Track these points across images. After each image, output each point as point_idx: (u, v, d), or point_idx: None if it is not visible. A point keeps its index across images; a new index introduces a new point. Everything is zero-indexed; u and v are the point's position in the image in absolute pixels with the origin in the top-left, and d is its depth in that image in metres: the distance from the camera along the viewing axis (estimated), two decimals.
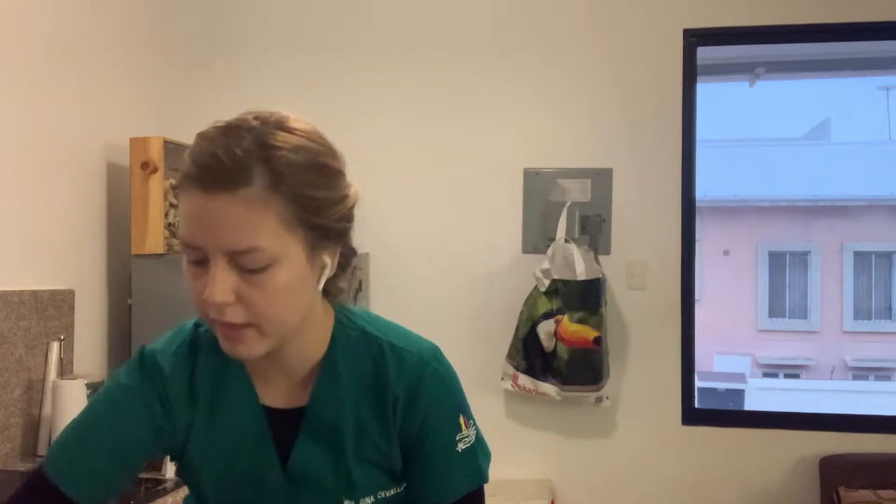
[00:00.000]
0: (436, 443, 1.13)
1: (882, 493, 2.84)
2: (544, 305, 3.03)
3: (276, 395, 1.08)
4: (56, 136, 2.52)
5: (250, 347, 0.96)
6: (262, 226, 0.91)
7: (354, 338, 1.09)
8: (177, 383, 1.07)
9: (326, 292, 1.08)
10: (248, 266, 0.92)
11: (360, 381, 1.07)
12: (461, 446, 1.20)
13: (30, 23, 2.41)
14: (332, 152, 1.02)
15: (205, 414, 1.07)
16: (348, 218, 1.07)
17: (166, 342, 1.11)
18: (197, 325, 1.12)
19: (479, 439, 1.26)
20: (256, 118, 0.97)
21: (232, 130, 0.95)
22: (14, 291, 2.27)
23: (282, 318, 0.96)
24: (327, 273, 1.01)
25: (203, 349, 1.09)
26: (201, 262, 0.93)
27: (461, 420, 1.18)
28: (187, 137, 2.88)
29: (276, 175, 0.92)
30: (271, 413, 1.07)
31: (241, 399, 1.07)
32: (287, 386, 1.08)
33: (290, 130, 0.96)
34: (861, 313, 11.34)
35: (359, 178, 3.69)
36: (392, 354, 1.09)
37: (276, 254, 0.92)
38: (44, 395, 2.33)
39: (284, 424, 1.07)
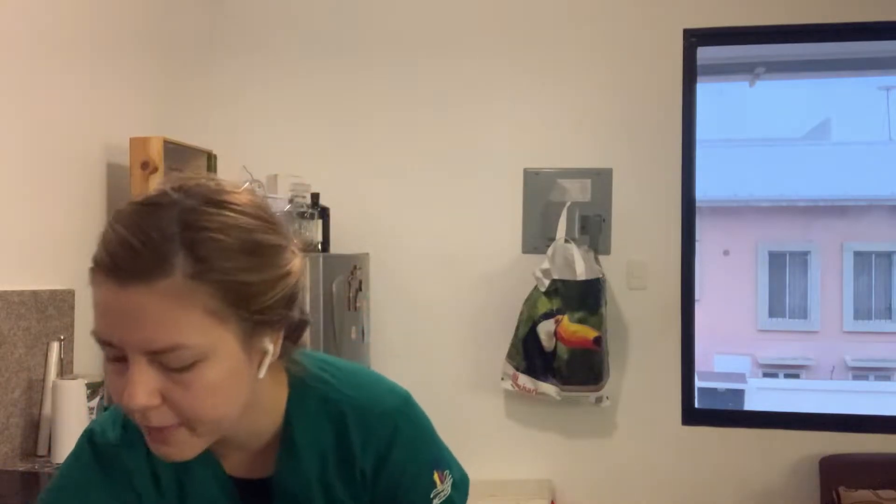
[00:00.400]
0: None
1: (882, 493, 2.84)
2: (544, 305, 3.03)
3: (239, 465, 1.00)
4: (56, 137, 2.51)
5: (181, 450, 0.86)
6: (185, 321, 0.79)
7: (313, 408, 0.99)
8: (140, 473, 0.98)
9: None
10: (171, 365, 0.80)
11: (324, 453, 0.99)
12: (436, 502, 1.07)
13: (30, 23, 2.41)
14: (270, 226, 0.88)
15: (174, 498, 0.99)
16: (291, 297, 0.89)
17: (113, 426, 1.01)
18: None
19: (456, 485, 1.13)
20: (180, 190, 0.84)
21: (150, 209, 0.82)
22: (14, 291, 2.27)
23: (215, 417, 0.85)
24: (269, 359, 0.89)
25: None
26: (121, 359, 0.81)
27: (436, 476, 1.08)
28: (187, 137, 2.88)
29: (201, 262, 0.79)
30: (239, 484, 1.00)
31: (206, 474, 0.99)
32: (248, 456, 1.00)
33: (219, 205, 0.84)
34: (861, 313, 11.33)
35: (359, 178, 3.68)
36: (356, 420, 0.98)
37: (203, 350, 0.80)
38: (44, 395, 2.33)
39: (254, 494, 1.00)
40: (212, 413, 0.84)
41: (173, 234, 0.79)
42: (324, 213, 3.06)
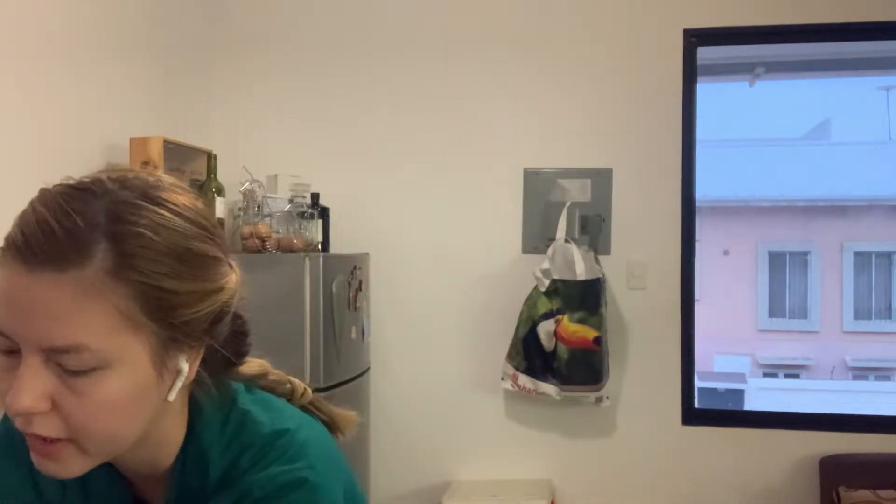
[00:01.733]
0: None
1: (882, 493, 2.84)
2: (544, 305, 3.03)
3: (144, 485, 0.91)
4: (56, 136, 2.51)
5: (65, 467, 0.76)
6: (93, 320, 0.71)
7: (193, 456, 0.87)
8: (45, 478, 0.89)
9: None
10: (68, 366, 0.72)
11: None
12: None
13: (30, 23, 2.41)
14: (208, 234, 0.80)
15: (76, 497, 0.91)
16: (219, 316, 0.81)
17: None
18: None
19: None
20: (117, 180, 0.77)
21: (79, 193, 0.75)
22: None
23: (108, 435, 0.76)
24: (181, 382, 0.79)
25: None
26: (12, 353, 0.73)
27: None
28: (187, 137, 2.89)
29: (124, 258, 0.72)
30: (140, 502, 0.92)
31: (111, 492, 0.90)
32: (147, 482, 0.90)
33: (156, 202, 0.76)
34: (861, 313, 11.33)
35: (359, 178, 3.68)
36: (217, 476, 0.86)
37: (107, 356, 0.72)
38: None
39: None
40: (105, 430, 0.75)
41: (99, 223, 0.72)
42: (324, 213, 3.06)
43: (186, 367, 0.80)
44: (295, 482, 0.82)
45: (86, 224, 0.72)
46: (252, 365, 0.96)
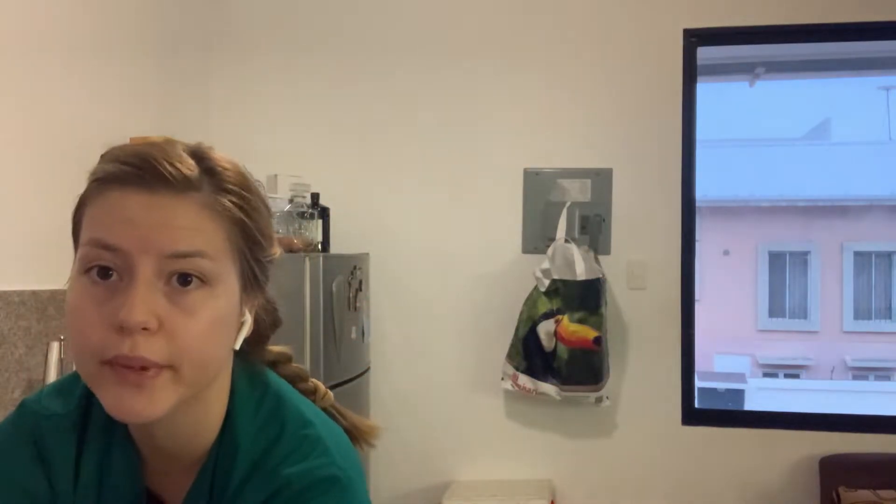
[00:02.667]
0: None
1: (882, 493, 2.84)
2: (544, 305, 3.03)
3: (161, 479, 0.91)
4: (56, 136, 2.51)
5: (156, 399, 0.77)
6: (210, 232, 0.79)
7: (225, 440, 0.88)
8: (61, 460, 0.90)
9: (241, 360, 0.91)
10: (185, 270, 0.77)
11: (214, 499, 0.88)
12: None
13: (30, 23, 2.41)
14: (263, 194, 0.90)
15: (90, 494, 0.90)
16: (268, 271, 0.90)
17: (56, 399, 0.93)
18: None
19: None
20: (180, 142, 0.86)
21: (160, 143, 0.84)
22: (14, 291, 2.27)
23: (206, 359, 0.80)
24: (245, 332, 0.86)
25: (95, 418, 0.91)
26: (109, 275, 0.77)
27: None
28: (187, 137, 2.87)
29: (223, 191, 0.82)
30: (152, 501, 0.91)
31: (124, 480, 0.90)
32: (176, 472, 0.90)
33: (222, 157, 0.87)
34: (861, 313, 11.32)
35: (359, 178, 3.67)
36: (246, 467, 0.86)
37: (216, 271, 0.79)
38: None
39: None
40: (206, 350, 0.79)
41: (192, 163, 0.81)
42: (324, 213, 3.06)
43: (249, 319, 0.86)
44: (330, 478, 0.84)
45: (189, 159, 0.81)
46: (278, 347, 0.99)
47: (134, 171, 0.79)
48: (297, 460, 0.85)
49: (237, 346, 0.85)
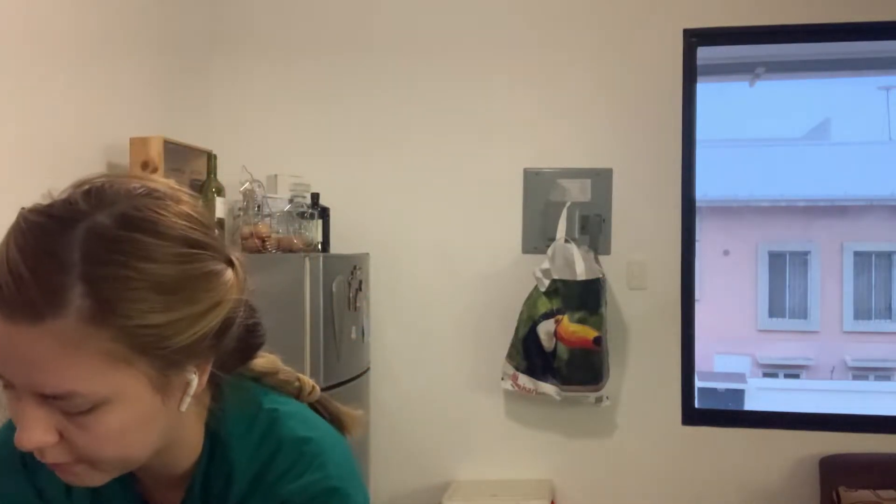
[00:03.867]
0: None
1: (882, 493, 2.84)
2: (544, 305, 3.03)
3: (155, 490, 0.91)
4: (56, 136, 2.51)
5: (83, 481, 0.76)
6: (79, 367, 0.68)
7: (217, 459, 0.87)
8: (52, 478, 0.86)
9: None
10: (65, 409, 0.70)
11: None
12: None
13: (30, 23, 2.41)
14: (198, 248, 0.74)
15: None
16: (223, 327, 0.77)
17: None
18: None
19: None
20: (95, 197, 0.71)
21: (51, 225, 0.69)
22: None
23: (120, 459, 0.75)
24: (191, 393, 0.77)
25: None
26: (13, 386, 0.72)
27: None
28: (187, 137, 2.89)
29: (102, 304, 0.67)
30: None
31: (118, 496, 0.90)
32: (168, 484, 0.89)
33: (137, 227, 0.70)
34: (861, 313, 11.32)
35: (359, 178, 3.67)
36: (244, 479, 0.85)
37: (102, 397, 0.70)
38: None
39: None
40: (115, 455, 0.74)
41: (72, 264, 0.67)
42: (324, 213, 3.06)
43: (195, 378, 0.77)
44: (328, 491, 0.83)
45: (59, 268, 0.67)
46: (262, 361, 0.94)
47: None
48: (294, 477, 0.83)
49: (183, 408, 0.78)
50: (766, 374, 11.35)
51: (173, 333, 0.71)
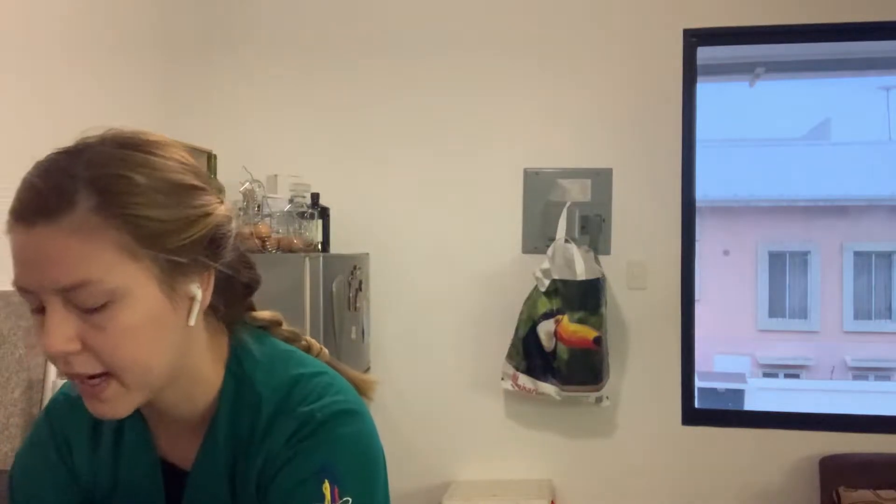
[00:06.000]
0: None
1: (882, 493, 2.84)
2: (544, 305, 3.03)
3: (173, 445, 0.97)
4: (56, 136, 2.52)
5: (114, 405, 0.83)
6: (93, 256, 0.78)
7: (236, 392, 0.94)
8: (79, 439, 0.99)
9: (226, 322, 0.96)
10: (83, 305, 0.79)
11: (237, 446, 0.94)
12: None
13: (31, 24, 2.41)
14: (187, 169, 0.86)
15: (107, 469, 0.98)
16: (214, 241, 0.87)
17: (73, 387, 0.99)
18: None
19: None
20: (98, 137, 0.85)
21: (62, 155, 0.83)
22: (14, 291, 2.27)
23: (139, 363, 0.82)
24: (198, 307, 0.86)
25: None
26: (41, 310, 0.81)
27: (326, 489, 0.89)
28: (187, 137, 2.88)
29: (104, 195, 0.78)
30: (166, 468, 0.97)
31: (140, 455, 0.97)
32: (186, 434, 0.96)
33: (135, 147, 0.83)
34: (861, 313, 11.32)
35: (359, 178, 3.67)
36: (269, 411, 0.92)
37: (115, 288, 0.79)
38: (44, 395, 2.33)
39: (175, 483, 0.97)
40: (133, 357, 0.81)
41: (77, 173, 0.79)
42: (324, 213, 3.06)
43: (199, 292, 0.86)
44: (347, 412, 0.92)
45: (66, 176, 0.79)
46: (267, 312, 1.03)
47: (15, 204, 0.80)
48: (315, 399, 0.92)
49: (192, 322, 0.86)
50: (766, 375, 11.35)
51: (170, 231, 0.81)
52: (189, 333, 0.87)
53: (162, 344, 0.84)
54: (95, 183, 0.79)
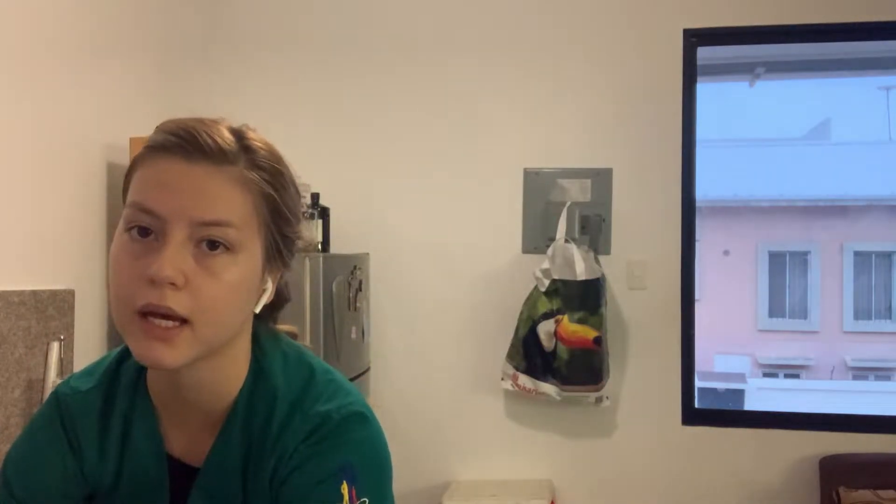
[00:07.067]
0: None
1: (882, 493, 2.84)
2: (544, 305, 3.03)
3: (180, 442, 0.99)
4: (56, 136, 2.51)
5: (179, 352, 0.86)
6: (238, 205, 0.88)
7: (260, 386, 0.97)
8: (88, 430, 1.00)
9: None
10: (212, 236, 0.85)
11: (250, 443, 0.96)
12: None
13: (30, 23, 2.41)
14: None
15: (112, 467, 0.99)
16: (293, 251, 0.97)
17: (82, 379, 1.03)
18: (120, 361, 1.03)
19: None
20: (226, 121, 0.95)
21: (206, 120, 0.92)
22: (14, 291, 2.27)
23: (223, 318, 0.88)
24: (266, 298, 0.95)
25: (120, 390, 1.00)
26: (147, 235, 0.85)
27: (345, 489, 0.91)
28: None
29: (256, 167, 0.91)
30: (173, 465, 0.98)
31: (147, 447, 0.98)
32: (199, 432, 0.98)
33: (259, 137, 0.96)
34: (861, 313, 11.31)
35: (359, 178, 3.67)
36: (283, 410, 0.95)
37: (240, 240, 0.87)
38: (44, 395, 2.33)
39: (183, 479, 0.98)
40: (224, 310, 0.87)
41: (231, 139, 0.90)
42: (324, 213, 3.06)
43: (270, 286, 0.94)
44: (357, 414, 0.96)
45: (228, 135, 0.89)
46: (285, 327, 1.08)
47: (178, 140, 0.87)
48: (328, 399, 0.96)
49: (258, 310, 0.94)
50: (766, 374, 11.35)
51: (289, 220, 0.93)
52: (247, 319, 0.94)
53: (242, 310, 0.91)
54: (249, 153, 0.90)
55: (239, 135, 0.91)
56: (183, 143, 0.87)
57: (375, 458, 0.95)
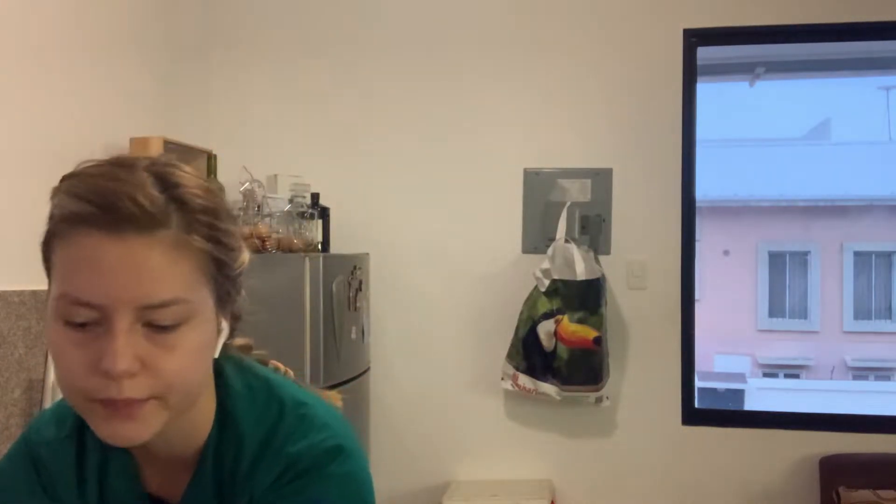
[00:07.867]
0: None
1: (882, 493, 2.84)
2: (544, 305, 3.03)
3: (161, 480, 0.94)
4: (56, 136, 2.51)
5: (144, 426, 0.79)
6: (184, 274, 0.77)
7: (226, 431, 0.91)
8: (67, 478, 0.94)
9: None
10: (160, 322, 0.76)
11: (222, 482, 0.91)
12: None
13: (30, 23, 2.41)
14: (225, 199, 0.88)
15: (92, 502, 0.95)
16: (241, 278, 0.88)
17: (52, 427, 0.96)
18: None
19: None
20: (144, 158, 0.83)
21: (125, 167, 0.78)
22: (14, 291, 2.27)
23: (189, 386, 0.81)
24: (223, 337, 0.87)
25: (91, 436, 0.91)
26: (86, 326, 0.76)
27: None
28: (187, 137, 2.88)
29: (190, 216, 0.78)
30: (153, 501, 0.94)
31: (125, 486, 0.93)
32: (175, 470, 0.92)
33: (184, 171, 0.82)
34: (861, 313, 11.32)
35: (359, 178, 3.67)
36: (251, 450, 0.90)
37: (193, 308, 0.78)
38: (44, 395, 2.33)
39: None
40: (192, 379, 0.81)
41: (158, 195, 0.76)
42: (324, 213, 3.06)
43: (226, 325, 0.86)
44: (333, 449, 0.88)
45: (152, 188, 0.76)
46: (239, 340, 0.98)
47: (97, 211, 0.75)
48: (299, 438, 0.88)
49: (217, 355, 0.86)
50: (766, 374, 11.35)
51: (231, 259, 0.83)
52: (211, 362, 0.87)
53: (208, 366, 0.85)
54: (179, 202, 0.78)
55: (165, 184, 0.77)
56: (102, 213, 0.74)
57: (353, 495, 0.88)
